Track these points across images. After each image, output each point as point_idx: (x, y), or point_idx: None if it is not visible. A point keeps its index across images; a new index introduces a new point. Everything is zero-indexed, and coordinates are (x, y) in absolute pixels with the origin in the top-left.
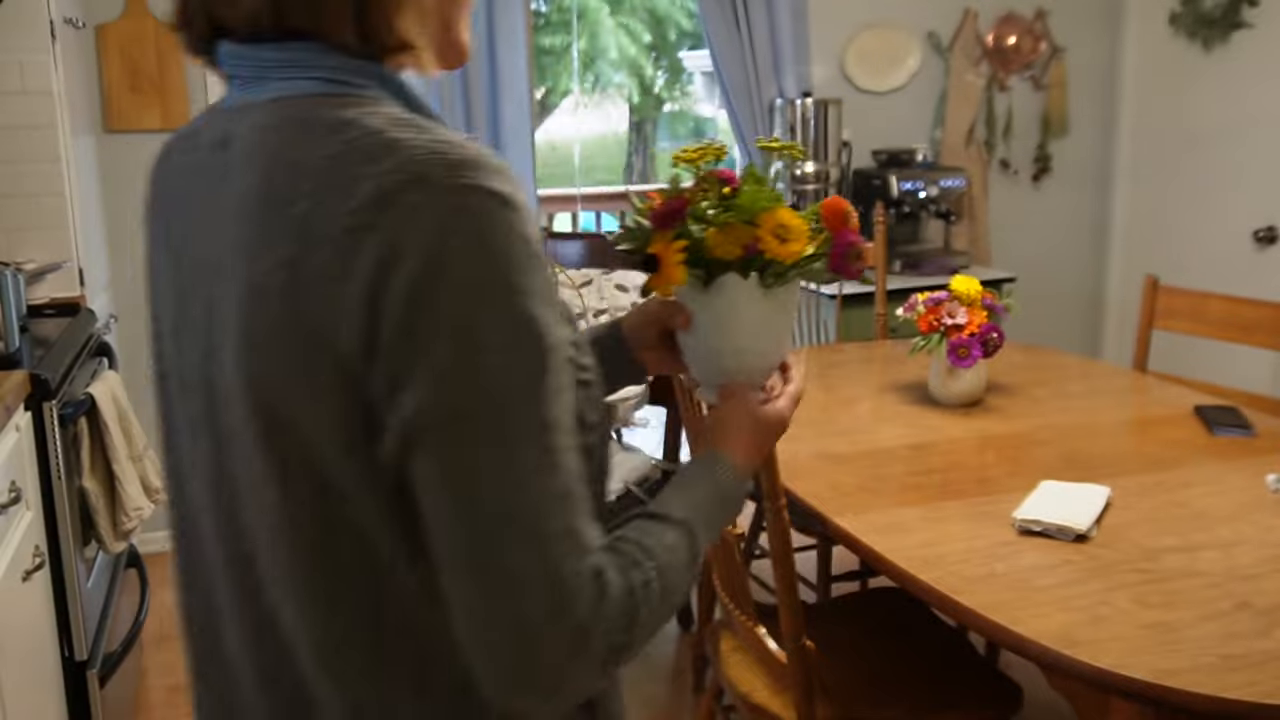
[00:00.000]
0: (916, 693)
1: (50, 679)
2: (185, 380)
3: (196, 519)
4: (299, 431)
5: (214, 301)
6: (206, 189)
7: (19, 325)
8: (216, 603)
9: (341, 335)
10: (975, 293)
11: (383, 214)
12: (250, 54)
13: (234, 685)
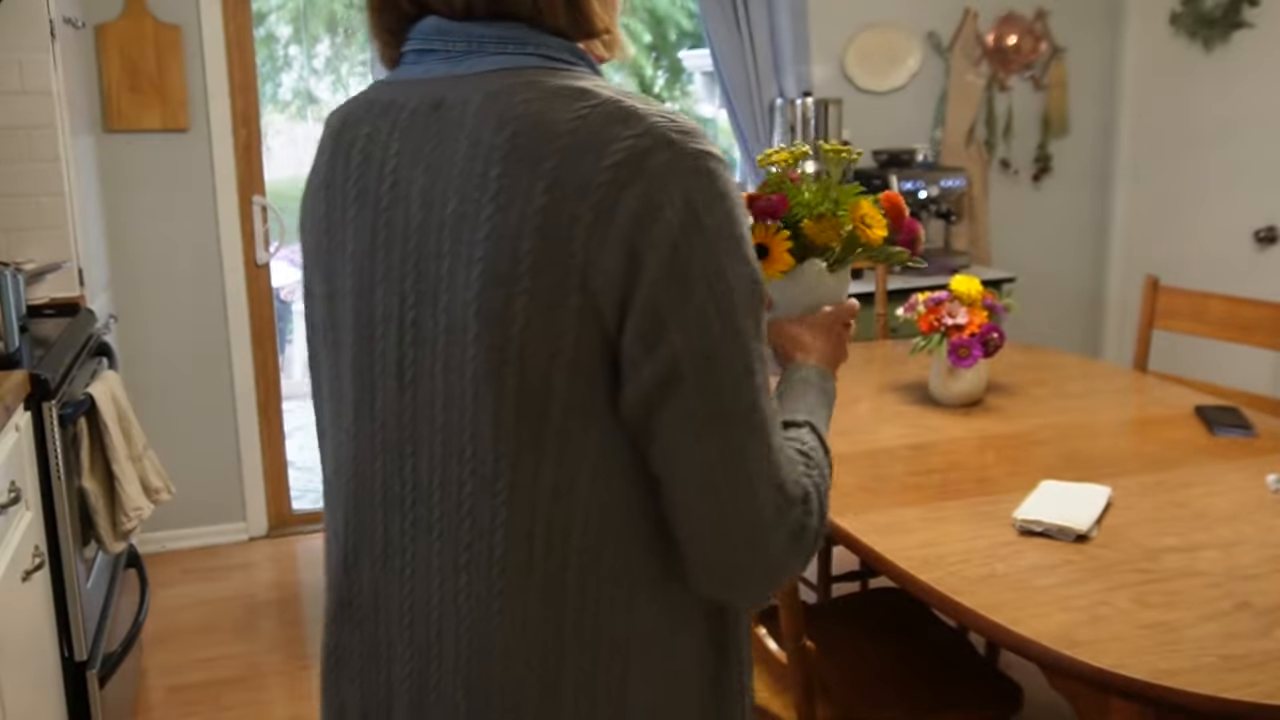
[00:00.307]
0: (916, 693)
1: (50, 679)
2: (369, 325)
3: (364, 459)
4: (531, 360)
5: (434, 247)
6: (420, 147)
7: (19, 325)
8: (385, 535)
9: (595, 273)
10: (975, 293)
11: (638, 172)
12: (463, 30)
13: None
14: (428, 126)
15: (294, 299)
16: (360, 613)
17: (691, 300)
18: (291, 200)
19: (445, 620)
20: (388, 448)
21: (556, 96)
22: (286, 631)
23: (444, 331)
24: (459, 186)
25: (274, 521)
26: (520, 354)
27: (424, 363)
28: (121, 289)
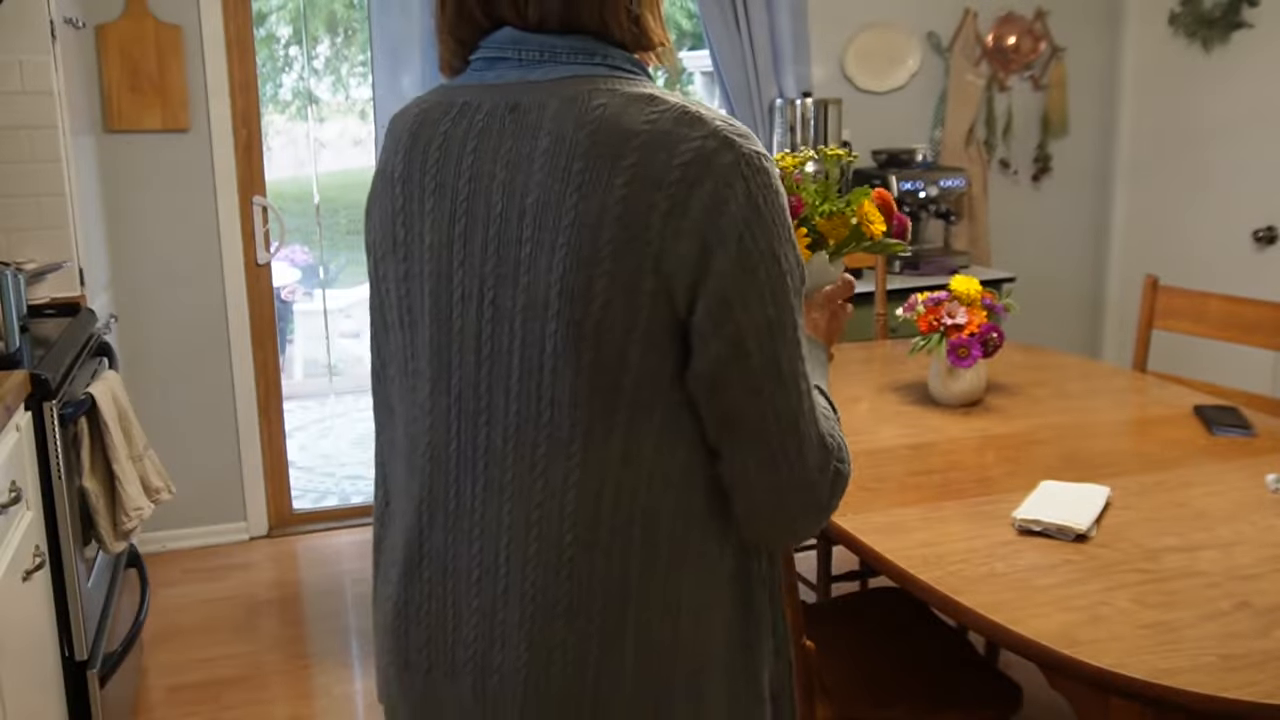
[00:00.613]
0: (916, 693)
1: (50, 679)
2: (448, 306)
3: (439, 429)
4: (608, 335)
5: (515, 233)
6: (499, 145)
7: (19, 325)
8: (457, 499)
9: (669, 259)
10: (975, 293)
11: (707, 169)
12: (537, 40)
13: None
14: (504, 126)
15: (294, 299)
16: (430, 571)
17: (754, 284)
18: (292, 200)
19: (512, 577)
20: (464, 417)
21: (630, 101)
22: (286, 631)
23: (522, 310)
24: (540, 180)
25: (274, 521)
26: (597, 330)
27: (501, 339)
28: (122, 289)
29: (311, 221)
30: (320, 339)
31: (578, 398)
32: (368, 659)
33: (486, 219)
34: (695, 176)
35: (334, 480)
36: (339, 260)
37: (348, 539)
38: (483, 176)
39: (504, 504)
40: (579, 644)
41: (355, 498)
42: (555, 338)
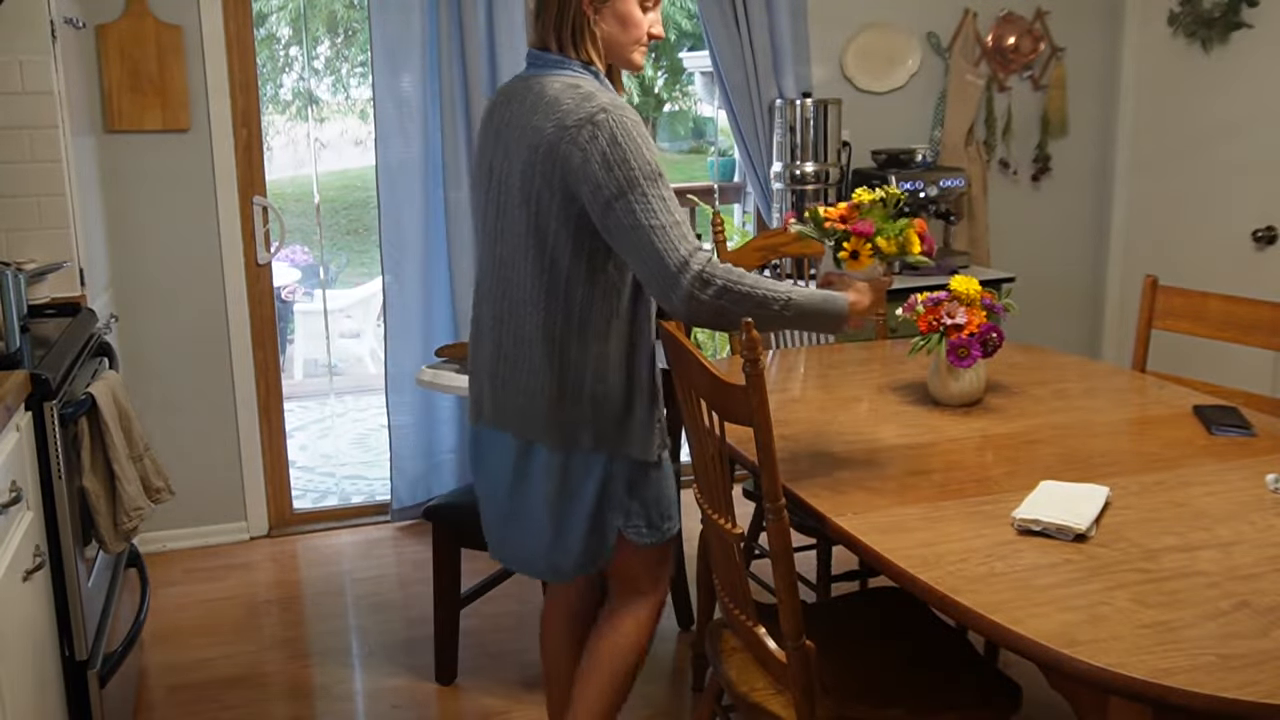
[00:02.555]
0: (916, 693)
1: (50, 679)
2: (486, 204)
3: (488, 271)
4: (547, 220)
5: (513, 159)
6: (516, 110)
7: (19, 325)
8: (495, 310)
9: (569, 171)
10: (974, 293)
11: (592, 123)
12: (542, 57)
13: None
14: (522, 99)
15: (294, 299)
16: (482, 336)
17: (612, 174)
18: (292, 200)
19: (521, 333)
20: (500, 265)
21: (568, 88)
22: (286, 631)
23: (510, 207)
24: (526, 130)
25: (274, 521)
26: (539, 214)
27: (504, 227)
28: (122, 289)
29: (311, 221)
30: (320, 339)
31: (534, 262)
32: (368, 659)
33: (501, 159)
34: (590, 128)
35: (334, 480)
36: (339, 260)
37: (348, 539)
38: (506, 132)
39: (517, 306)
40: (539, 370)
41: (355, 498)
42: (522, 222)
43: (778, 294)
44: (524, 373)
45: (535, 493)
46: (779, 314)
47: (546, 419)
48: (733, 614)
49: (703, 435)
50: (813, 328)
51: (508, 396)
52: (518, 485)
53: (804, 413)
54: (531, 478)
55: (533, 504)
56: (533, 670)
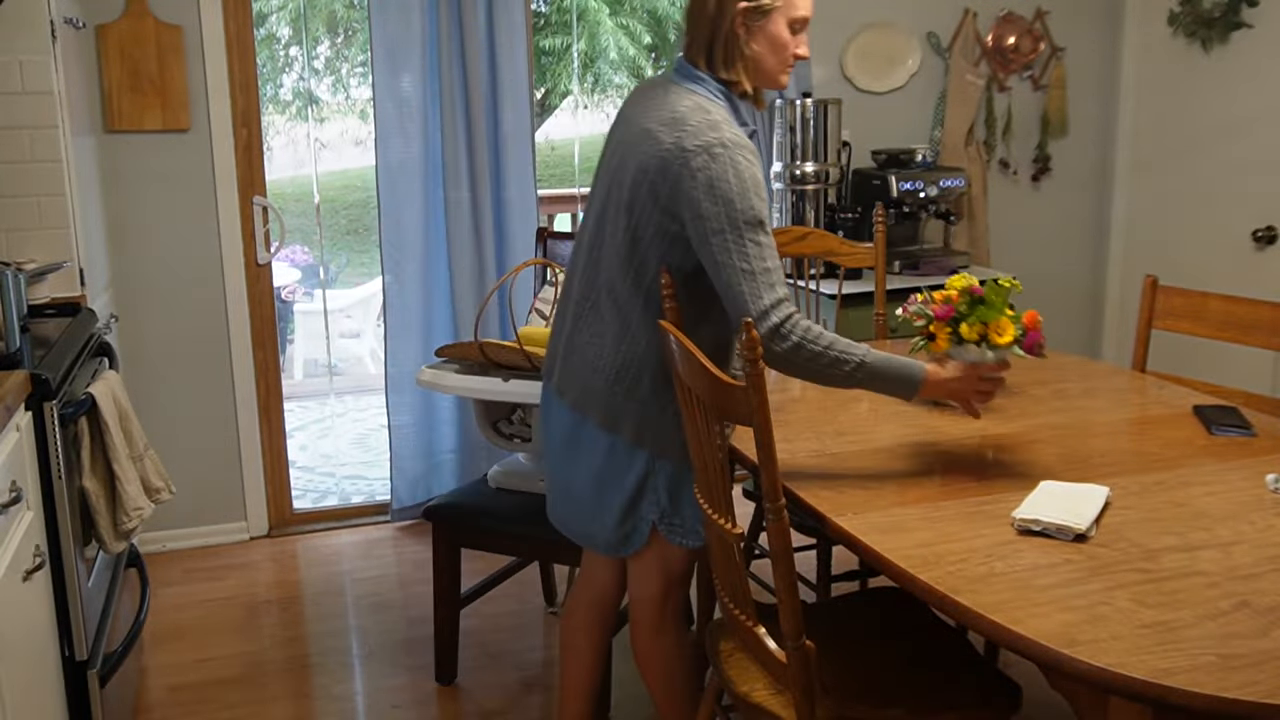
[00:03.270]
0: (916, 693)
1: (50, 679)
2: (600, 183)
3: (586, 246)
4: (646, 226)
5: (630, 159)
6: (647, 108)
7: (19, 325)
8: (576, 289)
9: (682, 192)
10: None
11: (713, 154)
12: (687, 69)
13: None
14: (650, 98)
15: (294, 299)
16: (568, 301)
17: (717, 208)
18: (292, 200)
19: (599, 312)
20: (596, 246)
21: (695, 106)
22: (287, 631)
23: (615, 197)
24: (642, 126)
25: (274, 521)
26: (639, 217)
27: (609, 213)
28: (122, 289)
29: (311, 221)
30: (320, 339)
31: (627, 259)
32: (368, 659)
33: (616, 152)
34: (701, 154)
35: (334, 480)
36: (339, 260)
37: (348, 539)
38: (626, 127)
39: (596, 287)
40: (605, 353)
41: (355, 498)
42: (624, 217)
43: (851, 356)
44: (592, 350)
45: (584, 464)
46: (850, 375)
47: (600, 396)
48: (733, 614)
49: (702, 435)
50: (885, 391)
51: (573, 366)
52: (569, 453)
53: (804, 413)
54: (581, 448)
55: (581, 473)
56: (533, 670)
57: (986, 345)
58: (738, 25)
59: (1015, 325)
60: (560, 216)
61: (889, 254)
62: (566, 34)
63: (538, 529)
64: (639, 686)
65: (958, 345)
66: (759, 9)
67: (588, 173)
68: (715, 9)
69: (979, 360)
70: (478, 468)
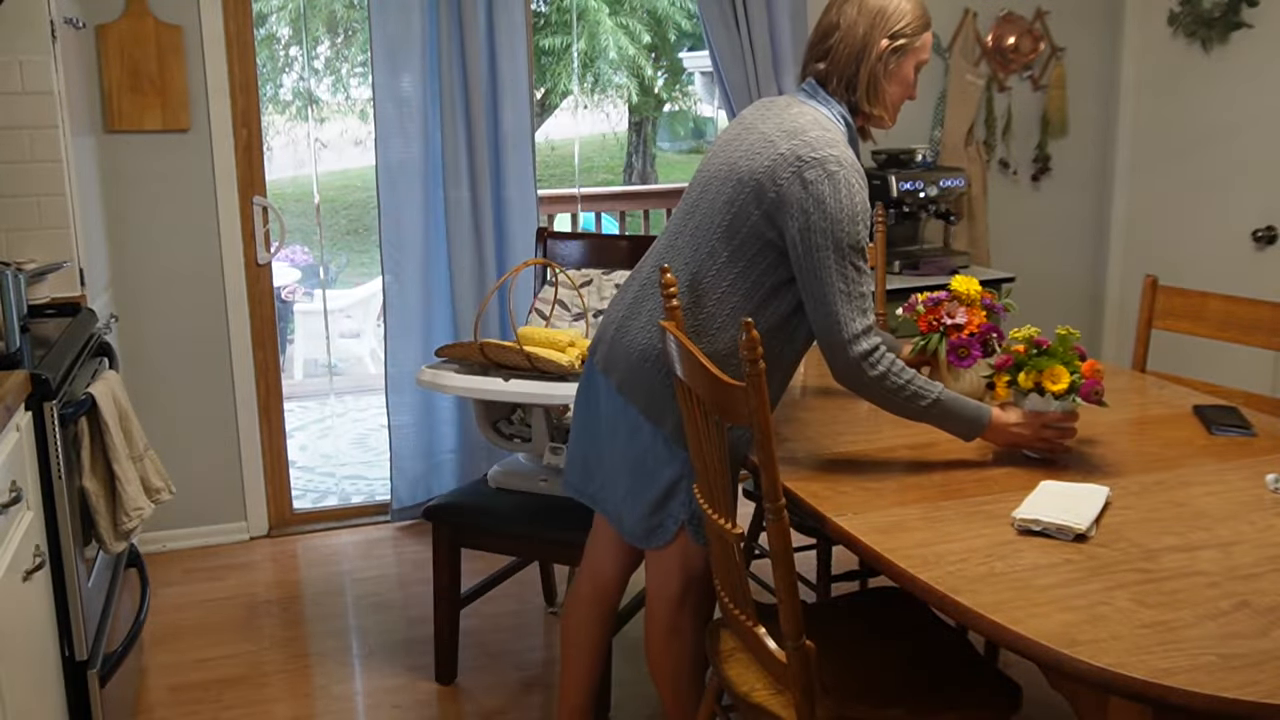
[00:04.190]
0: (916, 693)
1: (50, 679)
2: (700, 179)
3: (670, 235)
4: (739, 227)
5: (734, 155)
6: (767, 117)
7: (19, 325)
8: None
9: (787, 201)
10: (975, 293)
11: (828, 171)
12: (816, 90)
13: None
14: (771, 112)
15: (294, 299)
16: (632, 284)
17: (825, 224)
18: (292, 200)
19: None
20: (679, 236)
21: (814, 123)
22: (287, 631)
23: (712, 194)
24: (760, 133)
25: (274, 521)
26: (734, 219)
27: (702, 209)
28: (122, 289)
29: (311, 221)
30: (320, 339)
31: (727, 258)
32: (368, 659)
33: (720, 155)
34: (816, 168)
35: (334, 480)
36: (339, 260)
37: (348, 539)
38: (748, 127)
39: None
40: (658, 342)
41: (355, 498)
42: (719, 215)
43: (929, 393)
44: (646, 335)
45: (622, 448)
46: (925, 410)
47: (647, 386)
48: (733, 614)
49: (702, 435)
50: (952, 430)
51: (623, 349)
52: (612, 435)
53: (804, 413)
54: (622, 434)
55: (618, 456)
56: (533, 670)
57: (1051, 395)
58: (880, 63)
59: (1073, 374)
60: (560, 216)
61: (889, 254)
62: (566, 34)
63: (538, 529)
64: (639, 687)
65: (1020, 394)
66: (898, 49)
67: (588, 172)
68: (862, 41)
69: (1043, 410)
70: (478, 468)
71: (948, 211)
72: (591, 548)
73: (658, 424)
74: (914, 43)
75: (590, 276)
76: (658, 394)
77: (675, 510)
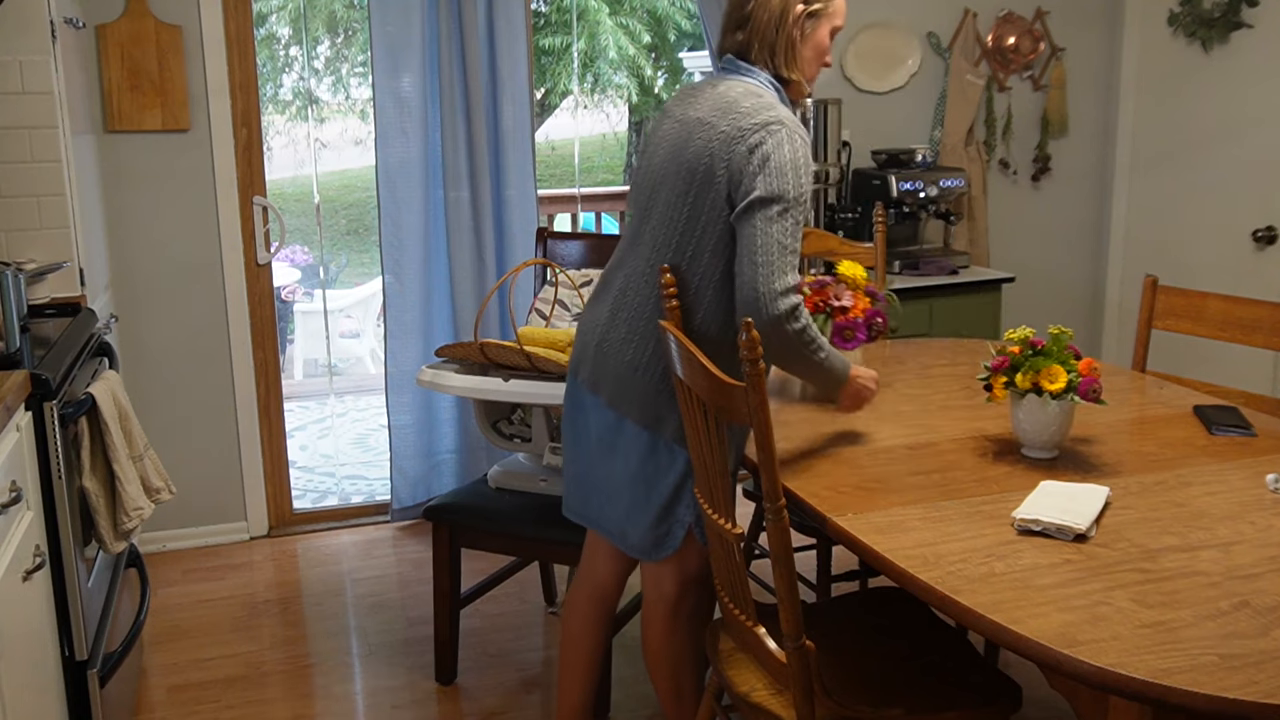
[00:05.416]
0: (916, 693)
1: (50, 679)
2: (644, 182)
3: (630, 243)
4: (697, 218)
5: (679, 150)
6: (689, 108)
7: (19, 325)
8: (623, 260)
9: (736, 167)
10: (860, 278)
11: (761, 136)
12: (736, 64)
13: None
14: (701, 97)
15: (294, 299)
16: (602, 299)
17: (768, 179)
18: (292, 200)
19: (642, 309)
20: (640, 242)
21: (748, 94)
22: (287, 631)
23: (662, 194)
24: (703, 119)
25: (274, 521)
26: (691, 210)
27: (655, 210)
28: (122, 289)
29: (311, 221)
30: (320, 339)
31: (683, 225)
32: (368, 659)
33: (666, 141)
34: (759, 130)
35: (334, 480)
36: (339, 260)
37: (348, 539)
38: (676, 119)
39: (640, 282)
40: (645, 348)
41: (355, 498)
42: (674, 212)
43: (824, 347)
44: (631, 347)
45: (621, 464)
46: (818, 364)
47: (640, 395)
48: (733, 614)
49: (702, 436)
50: (823, 382)
51: (609, 363)
52: (606, 453)
53: (804, 413)
54: (619, 449)
55: (618, 473)
56: (533, 670)
57: (1049, 395)
58: (795, 27)
59: (1070, 373)
60: (560, 216)
61: (889, 254)
62: (566, 33)
63: (538, 529)
64: (639, 687)
65: (1018, 395)
66: (813, 13)
67: (588, 172)
68: (780, 10)
69: (1041, 412)
70: (478, 468)
71: (948, 211)
72: (589, 554)
73: (657, 430)
74: (828, 7)
75: (590, 276)
76: (651, 400)
77: (682, 515)
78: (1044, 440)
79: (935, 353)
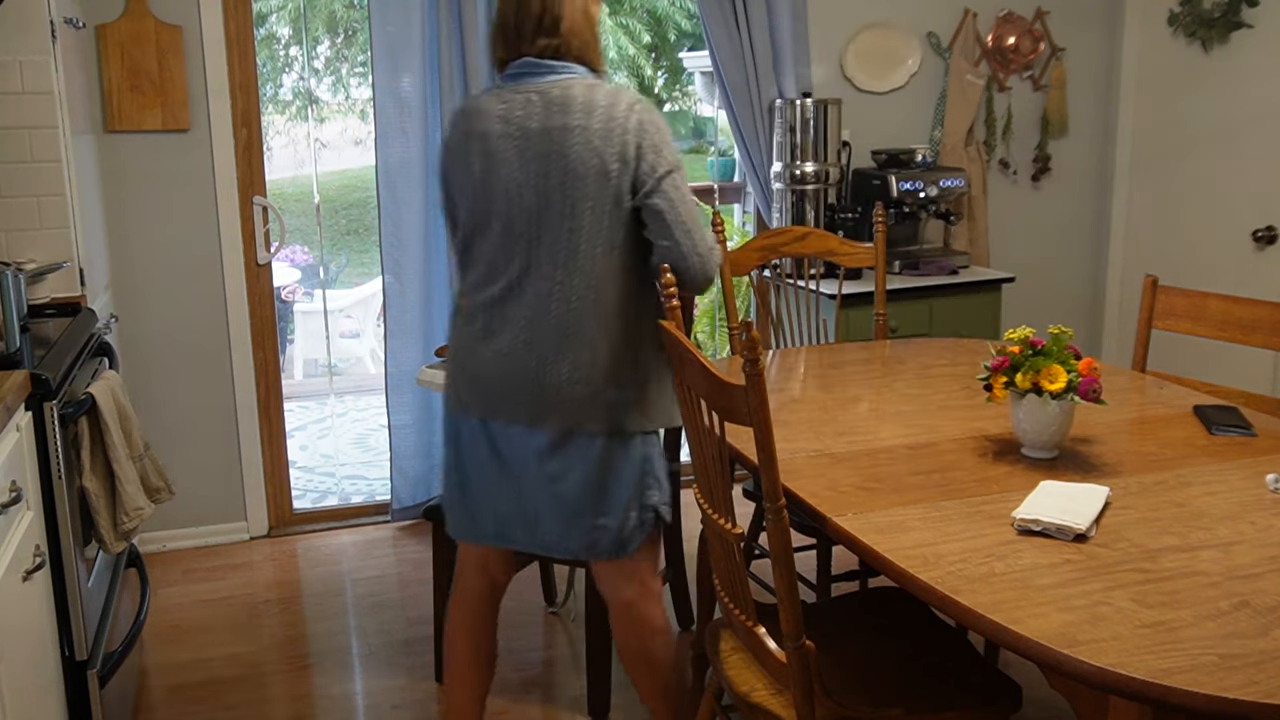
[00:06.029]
0: (916, 693)
1: (50, 679)
2: (511, 205)
3: (514, 274)
4: (599, 216)
5: (550, 161)
6: (527, 118)
7: (19, 325)
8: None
9: (628, 156)
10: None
11: (635, 116)
12: (542, 64)
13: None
14: (533, 106)
15: (294, 299)
16: (495, 335)
17: (661, 155)
18: (292, 200)
19: (565, 327)
20: (535, 265)
21: (594, 88)
22: (286, 631)
23: (548, 212)
24: (562, 130)
25: (274, 521)
26: (591, 212)
27: (543, 229)
28: (122, 289)
29: (311, 221)
30: (320, 339)
31: (581, 239)
32: (368, 659)
33: (535, 147)
34: (634, 120)
35: (334, 480)
36: (339, 260)
37: (348, 539)
38: (516, 140)
39: (548, 304)
40: (589, 359)
41: (355, 498)
42: (568, 220)
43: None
44: (566, 364)
45: (572, 478)
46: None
47: (594, 404)
48: (733, 614)
49: (702, 435)
50: None
51: (559, 398)
52: (544, 474)
53: (804, 412)
54: (569, 463)
55: (567, 489)
56: (533, 670)
57: (1049, 395)
58: (596, 24)
59: (1070, 372)
60: None
61: (889, 254)
62: None
63: None
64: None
65: (1018, 395)
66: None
67: None
68: (583, 10)
69: (1040, 413)
70: None
71: (948, 211)
72: (476, 567)
73: (619, 428)
74: None
75: None
76: (613, 404)
77: (650, 499)
78: (1044, 440)
79: (935, 353)
